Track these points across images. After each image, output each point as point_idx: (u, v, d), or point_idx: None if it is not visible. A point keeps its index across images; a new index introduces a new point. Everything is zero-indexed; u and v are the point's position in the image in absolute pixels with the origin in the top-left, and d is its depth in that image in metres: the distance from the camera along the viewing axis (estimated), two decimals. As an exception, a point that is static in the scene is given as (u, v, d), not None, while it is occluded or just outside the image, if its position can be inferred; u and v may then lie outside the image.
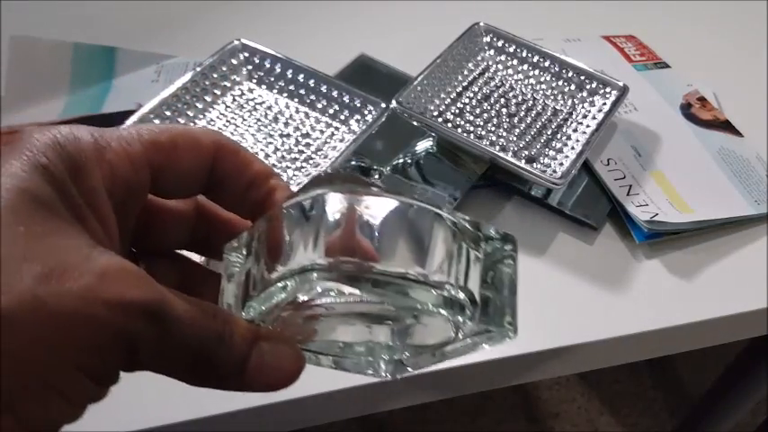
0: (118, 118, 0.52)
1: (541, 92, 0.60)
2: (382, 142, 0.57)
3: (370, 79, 0.63)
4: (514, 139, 0.56)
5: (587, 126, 0.57)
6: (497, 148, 0.54)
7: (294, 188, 0.26)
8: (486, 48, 0.62)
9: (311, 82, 0.57)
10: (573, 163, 0.52)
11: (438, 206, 0.23)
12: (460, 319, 0.22)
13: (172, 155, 0.24)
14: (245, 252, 0.24)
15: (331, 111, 0.57)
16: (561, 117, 0.58)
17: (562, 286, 0.50)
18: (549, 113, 0.58)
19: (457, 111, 0.58)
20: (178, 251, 0.28)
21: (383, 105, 0.55)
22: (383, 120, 0.54)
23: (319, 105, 0.57)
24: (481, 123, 0.57)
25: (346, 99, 0.56)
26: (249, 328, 0.22)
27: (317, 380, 0.44)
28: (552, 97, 0.60)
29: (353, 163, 0.55)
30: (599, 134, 0.55)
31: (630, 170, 0.57)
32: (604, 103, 0.59)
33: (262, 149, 0.53)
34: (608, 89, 0.59)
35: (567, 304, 0.49)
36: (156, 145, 0.24)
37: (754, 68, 0.71)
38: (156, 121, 0.53)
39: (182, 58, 0.63)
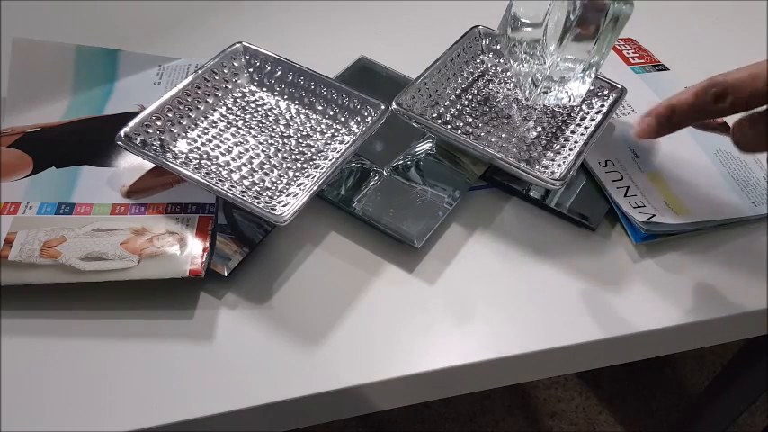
0: (120, 120, 0.52)
1: (540, 94, 0.61)
2: (382, 144, 0.57)
3: (370, 81, 0.64)
4: (513, 140, 0.56)
5: (585, 128, 0.58)
6: (496, 149, 0.55)
7: (296, 188, 0.26)
8: (485, 50, 0.63)
9: (312, 84, 0.57)
10: (571, 164, 0.53)
11: None
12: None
13: None
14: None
15: (331, 113, 0.57)
16: (560, 119, 0.59)
17: (560, 287, 0.51)
18: (547, 115, 0.59)
19: (456, 112, 0.58)
20: None
21: (383, 107, 0.55)
22: (383, 121, 0.55)
23: (320, 107, 0.57)
24: (480, 125, 0.57)
25: (346, 101, 0.57)
26: None
27: (317, 380, 0.44)
28: (551, 99, 0.60)
29: (354, 164, 0.55)
30: (597, 136, 0.55)
31: (628, 172, 0.57)
32: (602, 105, 0.59)
33: (263, 151, 0.54)
34: (606, 91, 0.60)
35: (565, 305, 0.50)
36: None
37: (752, 70, 0.71)
38: (159, 123, 0.53)
39: (183, 61, 0.64)
